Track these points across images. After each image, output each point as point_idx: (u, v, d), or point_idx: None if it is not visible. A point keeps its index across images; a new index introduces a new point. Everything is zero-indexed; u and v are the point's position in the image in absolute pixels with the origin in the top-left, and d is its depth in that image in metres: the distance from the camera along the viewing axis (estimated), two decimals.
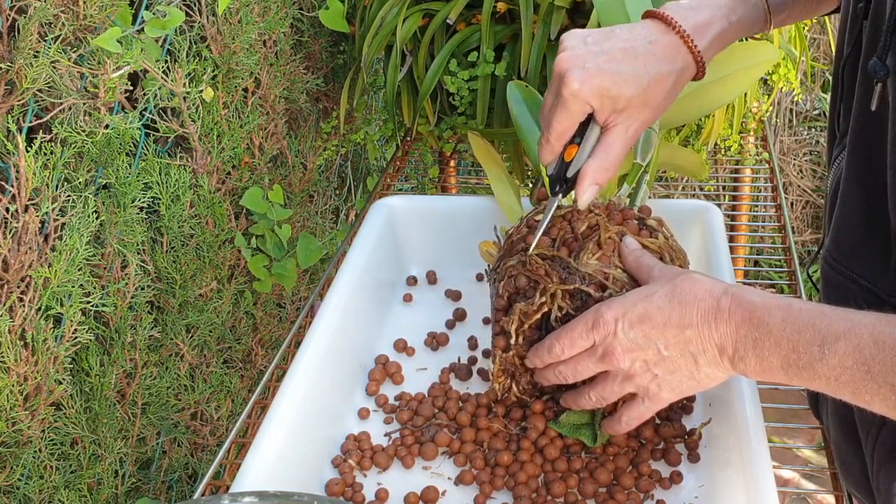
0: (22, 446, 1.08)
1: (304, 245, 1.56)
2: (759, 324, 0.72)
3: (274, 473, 0.82)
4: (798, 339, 0.69)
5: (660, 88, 0.86)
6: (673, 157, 1.26)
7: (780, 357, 0.71)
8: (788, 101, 2.99)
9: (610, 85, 0.84)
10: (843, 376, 0.68)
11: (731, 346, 0.74)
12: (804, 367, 0.70)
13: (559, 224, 0.92)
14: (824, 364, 0.68)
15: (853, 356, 0.67)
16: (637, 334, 0.77)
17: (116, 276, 1.22)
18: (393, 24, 1.47)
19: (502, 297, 0.92)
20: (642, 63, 0.85)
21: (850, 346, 0.67)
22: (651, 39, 0.86)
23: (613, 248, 0.88)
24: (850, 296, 0.81)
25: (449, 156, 1.63)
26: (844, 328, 0.68)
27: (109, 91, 1.12)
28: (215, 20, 1.35)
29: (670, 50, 0.87)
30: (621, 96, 0.84)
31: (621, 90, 0.84)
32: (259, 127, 1.51)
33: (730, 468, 0.85)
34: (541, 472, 0.91)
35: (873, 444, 0.82)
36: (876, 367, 0.66)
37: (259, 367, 1.62)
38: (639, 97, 0.85)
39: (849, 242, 0.81)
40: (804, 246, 3.07)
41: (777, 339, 0.71)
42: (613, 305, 0.79)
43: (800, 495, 2.22)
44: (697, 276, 0.78)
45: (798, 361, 0.70)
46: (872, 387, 0.66)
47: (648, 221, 0.93)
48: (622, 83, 0.84)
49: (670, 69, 0.87)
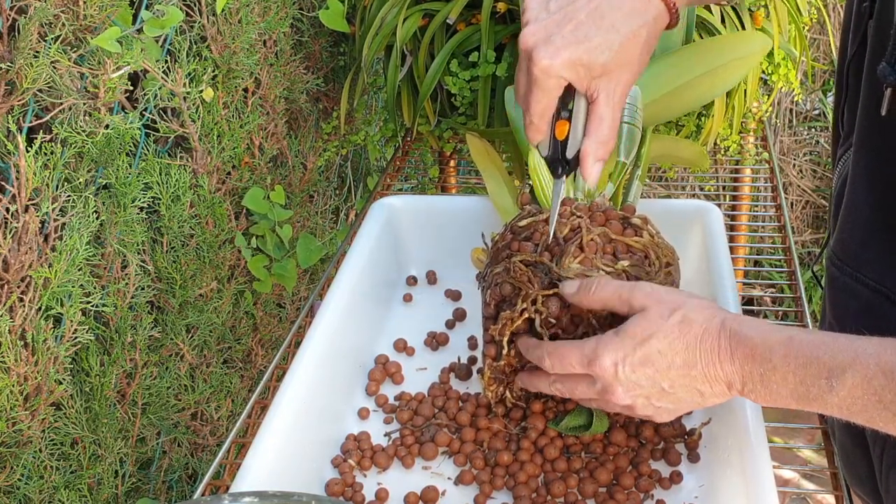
0: (22, 446, 1.08)
1: (304, 245, 1.56)
2: (763, 360, 0.71)
3: (274, 473, 0.82)
4: (804, 373, 0.69)
5: (634, 46, 0.83)
6: (672, 149, 1.26)
7: (788, 390, 0.70)
8: (788, 101, 2.98)
9: (581, 54, 0.81)
10: (854, 406, 0.67)
11: (738, 381, 0.73)
12: (814, 399, 0.69)
13: (541, 228, 0.91)
14: (834, 396, 0.68)
15: (862, 387, 0.66)
16: (639, 377, 0.76)
17: (116, 276, 1.22)
18: (393, 24, 1.47)
19: (489, 305, 0.92)
20: (609, 24, 0.81)
21: (858, 377, 0.66)
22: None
23: (595, 251, 0.88)
24: (856, 297, 0.80)
25: (449, 156, 1.63)
26: (849, 359, 0.67)
27: (109, 91, 1.12)
28: (215, 20, 1.35)
29: (638, 1, 0.84)
30: (595, 63, 0.81)
31: (594, 58, 0.81)
32: (259, 127, 1.51)
33: (730, 468, 0.85)
34: (541, 472, 0.91)
35: (882, 446, 0.82)
36: (888, 396, 0.65)
37: (259, 367, 1.62)
38: (614, 60, 0.82)
39: (855, 242, 0.81)
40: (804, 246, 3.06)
41: (783, 375, 0.70)
42: (611, 349, 0.76)
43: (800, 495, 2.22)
44: (690, 308, 0.76)
45: (807, 394, 0.69)
46: (886, 415, 0.66)
47: (633, 220, 0.92)
48: (593, 50, 0.81)
49: (640, 22, 0.83)
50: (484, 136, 1.26)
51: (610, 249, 0.88)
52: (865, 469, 0.85)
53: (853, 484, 0.89)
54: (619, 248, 0.89)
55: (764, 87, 1.62)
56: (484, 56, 1.41)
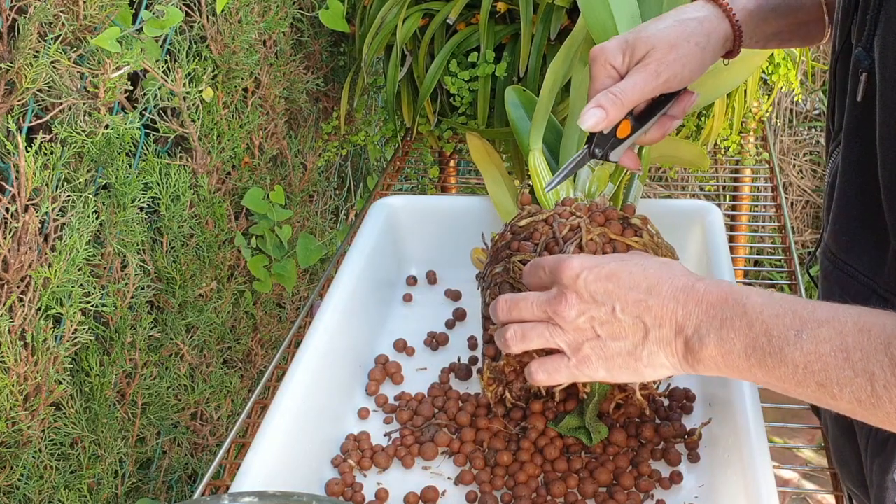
0: (22, 446, 1.08)
1: (304, 245, 1.56)
2: (735, 304, 0.68)
3: (274, 473, 0.82)
4: (774, 322, 0.66)
5: (681, 30, 0.86)
6: (672, 150, 1.26)
7: (746, 340, 0.67)
8: (788, 101, 2.99)
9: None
10: (814, 364, 0.64)
11: (692, 326, 0.69)
12: (771, 353, 0.66)
13: (541, 228, 0.91)
14: (797, 349, 0.65)
15: (832, 342, 0.64)
16: (598, 288, 0.72)
17: (116, 276, 1.22)
18: (393, 24, 1.47)
19: (489, 304, 0.92)
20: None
21: (833, 331, 0.64)
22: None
23: (595, 251, 0.88)
24: (848, 291, 0.80)
25: (449, 156, 1.63)
26: (828, 316, 0.65)
27: (109, 91, 1.12)
28: (215, 20, 1.35)
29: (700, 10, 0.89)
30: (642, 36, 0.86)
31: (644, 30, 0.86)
32: (259, 127, 1.51)
33: (730, 468, 0.85)
34: (541, 472, 0.91)
35: (867, 437, 0.82)
36: (857, 354, 0.63)
37: (259, 367, 1.62)
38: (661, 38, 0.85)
39: (846, 236, 0.81)
40: (804, 246, 3.06)
41: (750, 321, 0.67)
42: (583, 258, 0.74)
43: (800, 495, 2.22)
44: (677, 263, 0.75)
45: (767, 346, 0.66)
46: (848, 375, 0.63)
47: (632, 220, 0.92)
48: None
49: (694, 15, 0.87)
50: (484, 136, 1.26)
51: (609, 249, 0.88)
52: (855, 462, 0.85)
53: (845, 479, 0.89)
54: (619, 248, 0.89)
55: (764, 87, 1.62)
56: (483, 56, 1.41)
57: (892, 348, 0.62)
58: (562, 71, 1.06)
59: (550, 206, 0.97)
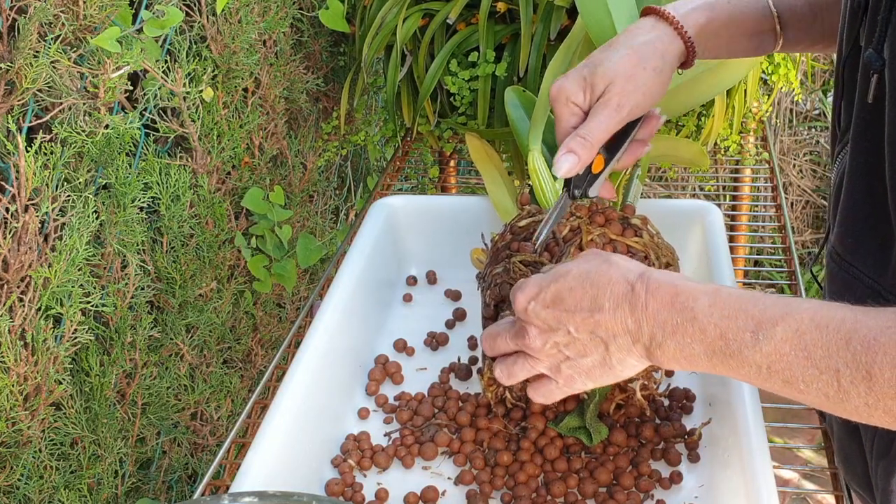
0: (22, 446, 1.08)
1: (304, 245, 1.56)
2: (682, 308, 0.68)
3: (274, 473, 0.82)
4: (727, 325, 0.66)
5: (637, 58, 0.87)
6: (671, 149, 1.26)
7: (704, 344, 0.67)
8: (788, 101, 2.98)
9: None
10: (777, 364, 0.64)
11: (646, 333, 0.69)
12: (731, 355, 0.66)
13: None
14: (757, 351, 0.64)
15: (791, 342, 0.63)
16: (547, 316, 0.73)
17: (116, 276, 1.22)
18: (393, 24, 1.47)
19: (489, 305, 0.92)
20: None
21: (789, 330, 0.63)
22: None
23: None
24: (853, 293, 0.80)
25: (449, 156, 1.63)
26: (781, 313, 0.64)
27: (109, 91, 1.12)
28: (215, 20, 1.35)
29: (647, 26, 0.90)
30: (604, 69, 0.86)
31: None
32: (259, 127, 1.51)
33: (730, 468, 0.85)
34: (541, 472, 0.91)
35: (872, 438, 0.82)
36: (818, 351, 0.62)
37: (259, 367, 1.62)
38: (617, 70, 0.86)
39: (852, 237, 0.81)
40: (804, 246, 3.06)
41: (702, 326, 0.67)
42: (527, 287, 0.74)
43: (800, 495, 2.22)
44: (615, 258, 0.74)
45: (726, 349, 0.66)
46: (812, 373, 0.63)
47: (632, 220, 0.92)
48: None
49: (645, 38, 0.88)
50: (484, 136, 1.26)
51: (610, 250, 0.88)
52: (861, 464, 0.85)
53: (850, 480, 0.89)
54: (619, 249, 0.89)
55: (764, 87, 1.62)
56: (483, 56, 1.41)
57: (853, 343, 0.61)
58: (561, 71, 1.06)
59: (550, 206, 0.97)
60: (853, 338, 0.61)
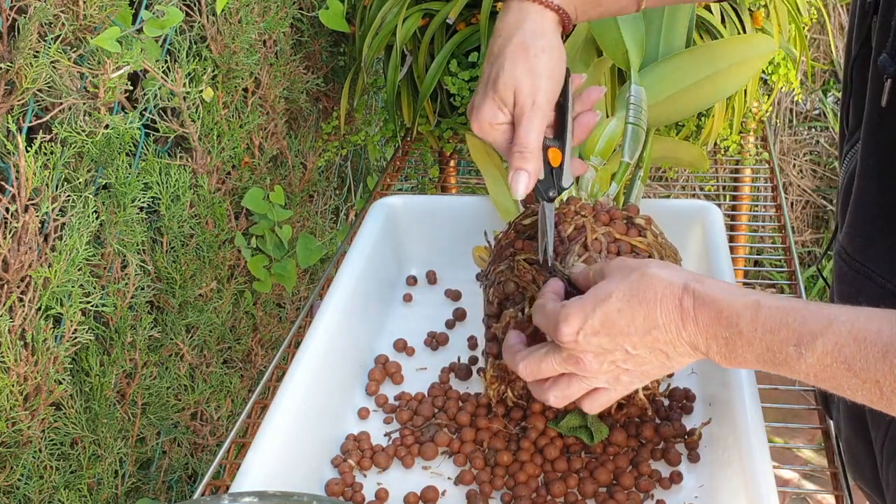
0: (22, 446, 1.08)
1: (304, 245, 1.56)
2: (728, 325, 0.70)
3: (274, 473, 0.82)
4: (771, 339, 0.68)
5: (524, 53, 0.87)
6: (671, 151, 1.26)
7: (754, 354, 0.70)
8: (788, 101, 2.98)
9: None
10: (822, 374, 0.67)
11: (703, 343, 0.72)
12: (780, 365, 0.69)
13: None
14: (801, 362, 0.67)
15: (832, 355, 0.66)
16: (601, 341, 0.74)
17: (116, 276, 1.22)
18: (393, 24, 1.47)
19: (492, 303, 0.91)
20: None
21: (829, 344, 0.66)
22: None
23: (600, 250, 0.88)
24: (862, 292, 0.80)
25: (449, 156, 1.63)
26: (821, 326, 0.66)
27: (109, 91, 1.12)
28: (215, 20, 1.35)
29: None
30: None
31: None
32: (259, 127, 1.51)
33: (730, 468, 0.85)
34: (541, 472, 0.91)
35: (883, 439, 0.82)
36: (858, 364, 0.65)
37: (259, 367, 1.62)
38: None
39: (862, 238, 0.81)
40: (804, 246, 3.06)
41: (749, 340, 0.69)
42: (570, 318, 0.75)
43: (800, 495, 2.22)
44: (650, 269, 0.74)
45: (773, 360, 0.69)
46: (855, 383, 0.65)
47: (636, 220, 0.92)
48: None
49: (521, 29, 0.88)
50: None
51: (614, 249, 0.88)
52: (869, 463, 0.85)
53: (857, 479, 0.89)
54: (624, 248, 0.89)
55: (764, 87, 1.62)
56: (483, 56, 1.41)
57: (889, 355, 0.64)
58: None
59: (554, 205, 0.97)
60: (890, 350, 0.64)
